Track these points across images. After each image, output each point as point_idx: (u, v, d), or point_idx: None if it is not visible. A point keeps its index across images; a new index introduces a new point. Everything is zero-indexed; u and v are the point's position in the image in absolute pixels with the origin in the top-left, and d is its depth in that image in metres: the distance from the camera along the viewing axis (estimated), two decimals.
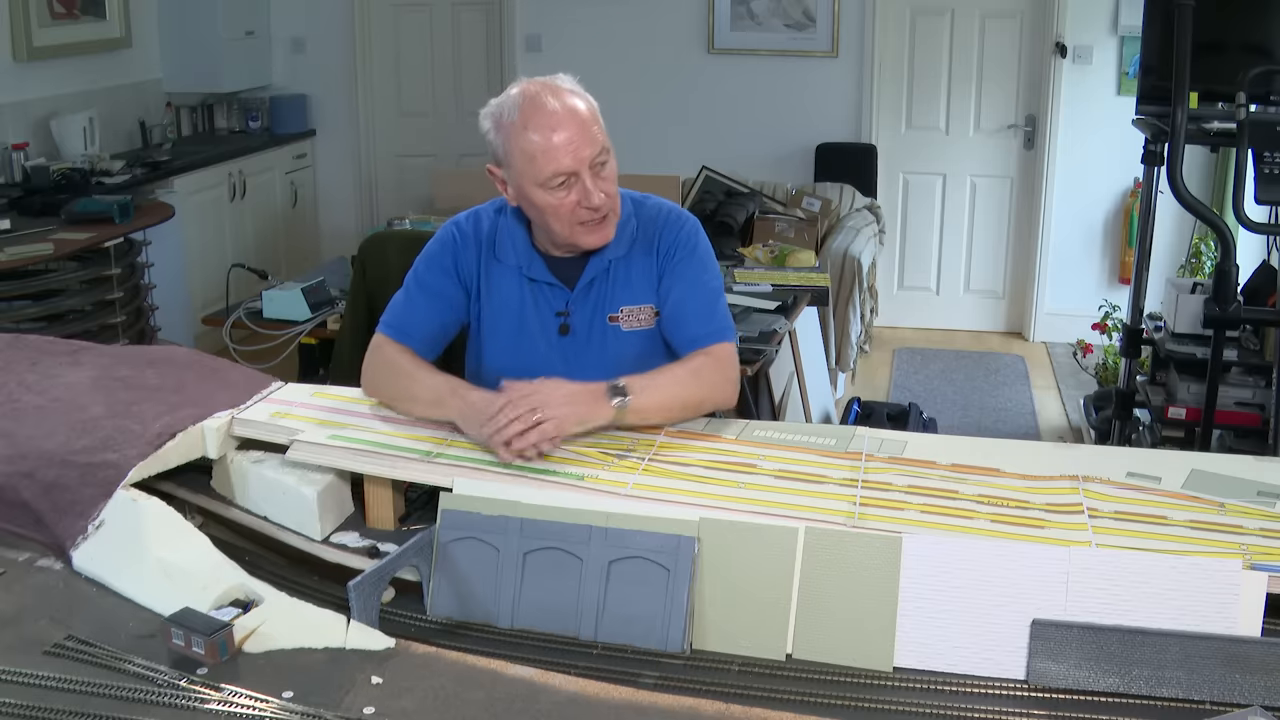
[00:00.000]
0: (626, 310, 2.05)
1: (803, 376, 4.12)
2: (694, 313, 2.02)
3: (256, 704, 1.29)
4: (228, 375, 1.99)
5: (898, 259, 6.24)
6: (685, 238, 2.06)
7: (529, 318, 2.06)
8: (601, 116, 1.94)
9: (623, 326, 2.06)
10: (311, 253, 6.56)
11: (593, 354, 2.05)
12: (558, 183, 1.89)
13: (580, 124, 1.88)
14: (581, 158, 1.88)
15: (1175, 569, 1.39)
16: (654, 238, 2.06)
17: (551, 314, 2.06)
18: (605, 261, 2.04)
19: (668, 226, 2.06)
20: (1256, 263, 3.94)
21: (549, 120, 1.87)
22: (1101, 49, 5.69)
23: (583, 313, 2.06)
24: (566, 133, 1.87)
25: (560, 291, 2.06)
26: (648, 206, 2.09)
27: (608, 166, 1.94)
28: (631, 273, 2.05)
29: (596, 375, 1.98)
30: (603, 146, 1.91)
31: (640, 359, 2.03)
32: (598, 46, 6.16)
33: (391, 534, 1.69)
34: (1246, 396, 3.53)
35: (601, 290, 2.05)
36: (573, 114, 1.88)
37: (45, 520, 1.64)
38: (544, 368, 2.02)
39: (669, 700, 1.32)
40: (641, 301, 2.06)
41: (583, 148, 1.88)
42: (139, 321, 4.55)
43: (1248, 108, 3.18)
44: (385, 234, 3.64)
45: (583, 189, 1.90)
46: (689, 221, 2.09)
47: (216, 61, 6.06)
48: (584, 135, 1.88)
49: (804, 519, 1.49)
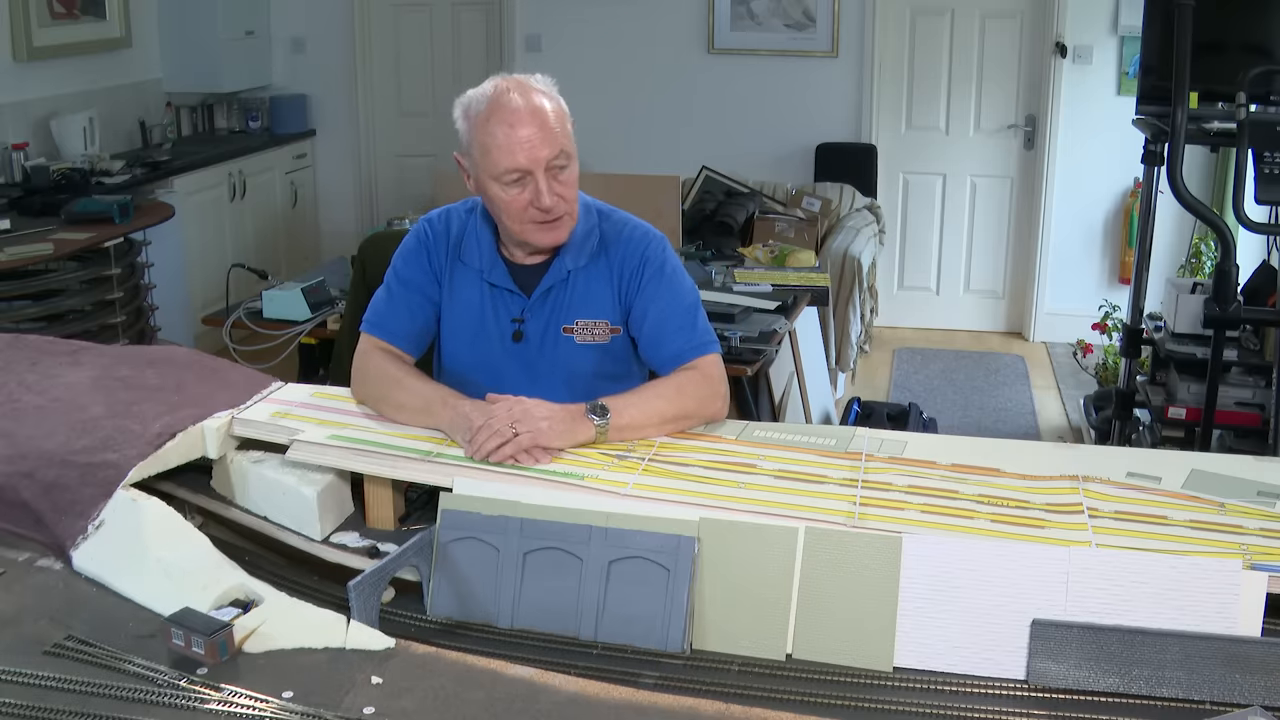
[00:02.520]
0: (581, 324, 2.02)
1: (803, 376, 4.12)
2: (674, 330, 1.99)
3: (256, 704, 1.29)
4: (228, 375, 1.99)
5: (898, 259, 6.24)
6: (651, 255, 2.02)
7: (487, 321, 2.05)
8: (570, 122, 1.94)
9: (576, 339, 2.03)
10: (311, 253, 6.56)
11: (545, 363, 2.03)
12: (512, 179, 1.89)
13: (541, 124, 1.88)
14: (537, 157, 1.87)
15: (1175, 569, 1.39)
16: (616, 255, 2.02)
17: (508, 319, 2.04)
18: (564, 271, 2.01)
19: (631, 244, 2.03)
20: (1256, 263, 3.94)
21: (511, 117, 1.87)
22: (1101, 49, 5.69)
23: (537, 321, 2.03)
24: (526, 131, 1.86)
25: (518, 298, 2.03)
26: (614, 221, 2.06)
27: (567, 171, 1.92)
28: (590, 286, 2.02)
29: (551, 384, 1.98)
30: (562, 150, 1.90)
31: (594, 374, 2.02)
32: (598, 46, 6.16)
33: (391, 534, 1.69)
34: (1246, 396, 3.53)
35: (558, 300, 2.02)
36: (535, 113, 1.88)
37: (45, 520, 1.64)
38: (499, 372, 2.02)
39: (669, 700, 1.32)
40: (597, 316, 2.02)
41: (540, 148, 1.87)
42: (139, 321, 4.55)
43: (1248, 108, 3.18)
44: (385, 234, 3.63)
45: (535, 189, 1.89)
46: (654, 239, 2.06)
47: (216, 61, 6.05)
48: (543, 135, 1.87)
49: (804, 519, 1.49)
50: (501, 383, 1.98)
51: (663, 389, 1.88)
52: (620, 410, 1.77)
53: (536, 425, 1.69)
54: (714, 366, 1.97)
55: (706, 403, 1.89)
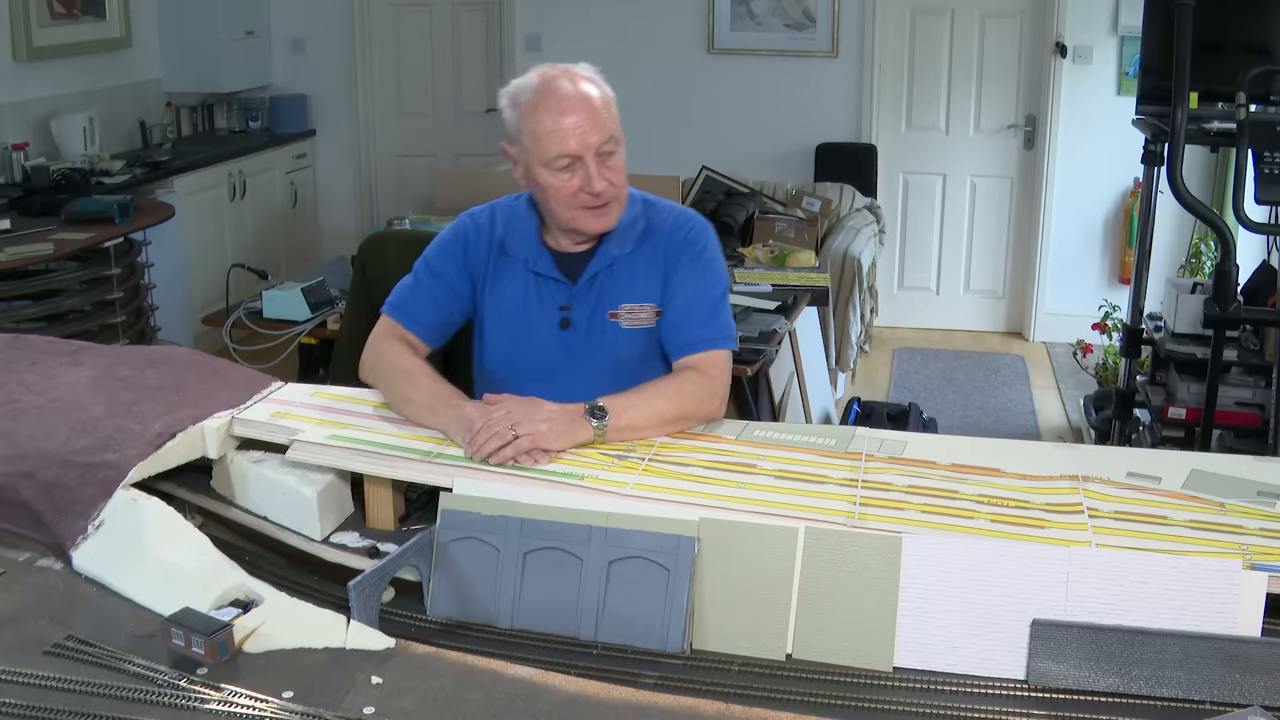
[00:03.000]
0: (627, 308, 2.05)
1: (803, 376, 4.12)
2: (695, 317, 2.01)
3: (256, 704, 1.29)
4: (228, 375, 1.99)
5: (898, 259, 6.24)
6: (693, 239, 2.05)
7: (532, 311, 2.07)
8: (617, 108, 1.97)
9: (622, 324, 2.05)
10: (311, 253, 6.56)
11: (592, 349, 2.05)
12: (562, 165, 1.92)
13: (590, 110, 1.91)
14: (588, 143, 1.91)
15: (1175, 569, 1.39)
16: (661, 238, 2.06)
17: (554, 308, 2.06)
18: (609, 258, 2.04)
19: (677, 228, 2.06)
20: (1256, 263, 3.94)
21: (560, 104, 1.90)
22: (1101, 49, 5.69)
23: (584, 308, 2.06)
24: (575, 117, 1.90)
25: (564, 286, 2.06)
26: (659, 208, 2.10)
27: (615, 156, 1.96)
28: (635, 271, 2.05)
29: (597, 370, 2.00)
30: (611, 135, 1.93)
31: (640, 358, 2.04)
32: (598, 46, 6.14)
33: (391, 534, 1.69)
34: (1246, 396, 3.53)
35: (604, 286, 2.05)
36: (584, 99, 1.91)
37: (45, 520, 1.64)
38: (545, 361, 2.05)
39: (669, 700, 1.32)
40: (643, 300, 2.05)
41: (590, 133, 1.91)
42: (139, 321, 4.55)
43: (1248, 108, 3.18)
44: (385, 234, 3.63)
45: (586, 174, 1.92)
46: (698, 224, 2.09)
47: (216, 61, 6.05)
48: (592, 121, 1.91)
49: (804, 519, 1.49)
50: (549, 372, 2.03)
51: (663, 389, 1.88)
52: (619, 411, 1.77)
53: (536, 427, 1.69)
54: (720, 365, 1.98)
55: (705, 403, 1.89)
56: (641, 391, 1.85)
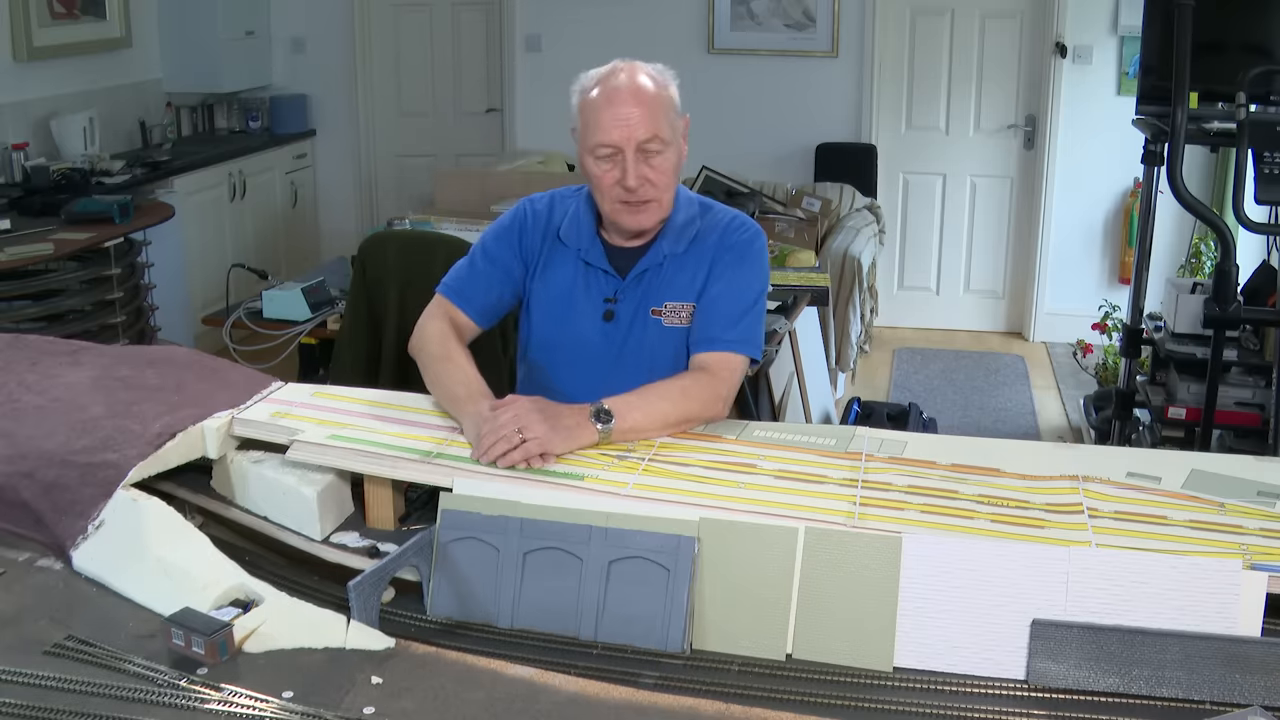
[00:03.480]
0: (670, 306, 2.06)
1: (803, 376, 4.12)
2: (721, 315, 2.02)
3: (256, 704, 1.29)
4: (228, 375, 1.99)
5: (898, 259, 6.24)
6: (741, 241, 2.06)
7: (579, 300, 2.09)
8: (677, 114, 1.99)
9: (664, 322, 2.07)
10: (311, 253, 6.56)
11: (633, 343, 2.07)
12: (604, 154, 1.94)
13: (641, 104, 1.92)
14: (630, 136, 1.92)
15: (1175, 569, 1.39)
16: (712, 239, 2.07)
17: (600, 299, 2.09)
18: (661, 256, 2.06)
19: (729, 230, 2.07)
20: (1256, 263, 3.94)
21: (612, 94, 1.93)
22: (1101, 49, 5.69)
23: (629, 302, 2.08)
24: (623, 109, 1.92)
25: (612, 279, 2.08)
26: (714, 212, 2.11)
27: (661, 157, 1.96)
28: (682, 271, 2.06)
29: (635, 364, 2.04)
30: (656, 135, 1.93)
31: (678, 357, 2.06)
32: (598, 47, 6.10)
33: (391, 534, 1.69)
34: (1246, 396, 3.53)
35: (651, 283, 2.07)
36: (636, 94, 1.93)
37: (45, 520, 1.64)
38: (586, 351, 2.08)
39: (669, 700, 1.32)
40: (686, 299, 2.06)
41: (634, 127, 1.92)
42: (139, 321, 4.55)
43: (1248, 108, 3.18)
44: (385, 234, 3.64)
45: (623, 167, 1.94)
46: (750, 228, 2.10)
47: (216, 61, 6.05)
48: (639, 115, 1.92)
49: (804, 519, 1.49)
50: (588, 361, 2.06)
51: (667, 390, 1.88)
52: (624, 414, 1.77)
53: (541, 431, 1.68)
54: (732, 369, 1.98)
55: (710, 405, 1.90)
56: (647, 393, 1.85)
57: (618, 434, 1.77)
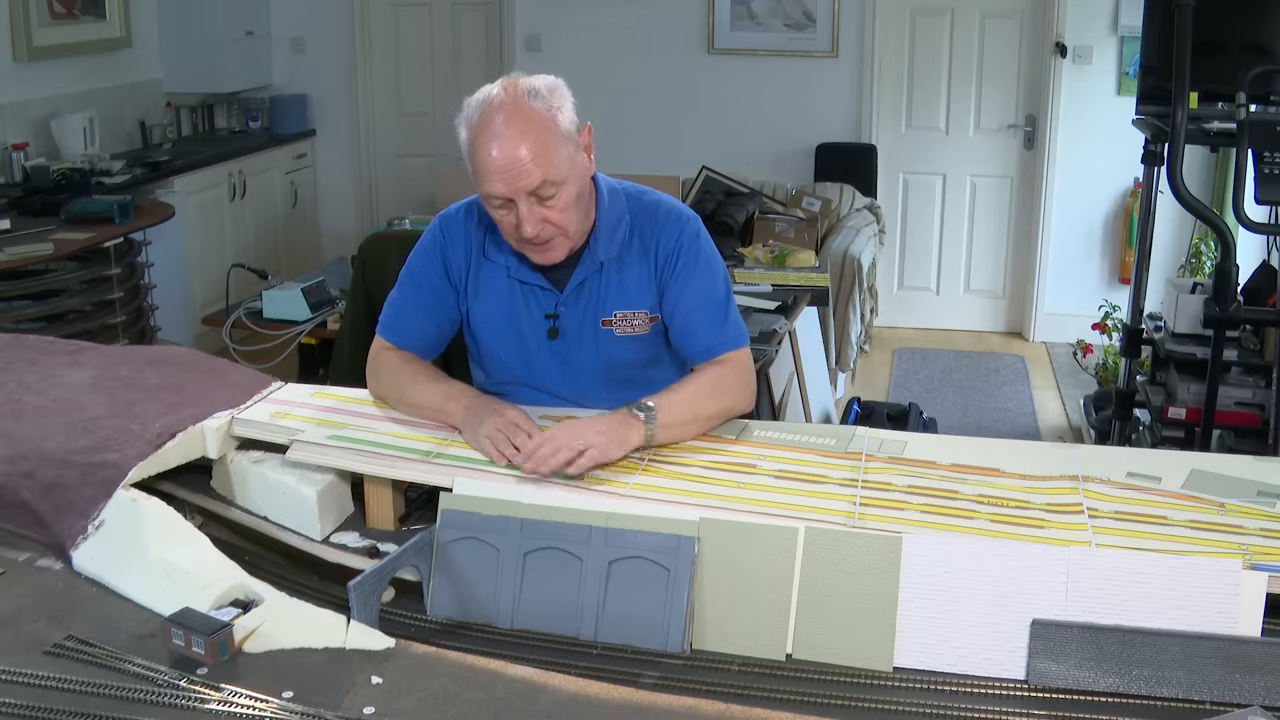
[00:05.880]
0: (620, 314, 1.97)
1: (803, 376, 4.12)
2: (706, 322, 1.95)
3: (256, 704, 1.29)
4: (228, 375, 1.99)
5: (898, 259, 6.24)
6: (686, 242, 1.96)
7: (519, 318, 1.99)
8: (567, 140, 1.81)
9: (616, 331, 1.97)
10: (311, 253, 6.56)
11: (586, 357, 1.98)
12: (496, 203, 1.82)
13: (527, 143, 1.76)
14: (516, 187, 1.78)
15: (1175, 569, 1.39)
16: (651, 240, 1.96)
17: (542, 316, 1.98)
18: (596, 263, 1.95)
19: (666, 227, 1.96)
20: (1256, 263, 3.94)
21: (493, 142, 1.77)
22: (1101, 49, 5.69)
23: (573, 315, 1.97)
24: (508, 154, 1.76)
25: (550, 294, 1.97)
26: (644, 203, 1.98)
27: (558, 195, 1.81)
28: (625, 275, 1.96)
29: (590, 379, 1.97)
30: (545, 180, 1.77)
31: (635, 364, 2.00)
32: (598, 47, 6.16)
33: (391, 534, 1.69)
34: (1246, 396, 3.53)
35: (594, 292, 1.96)
36: (522, 132, 1.76)
37: (45, 520, 1.64)
38: (535, 369, 2.00)
39: (669, 700, 1.32)
40: (636, 306, 1.97)
41: (519, 178, 1.76)
42: (139, 321, 4.55)
43: (1248, 108, 3.18)
44: (385, 234, 3.64)
45: (519, 214, 1.81)
46: (689, 222, 1.98)
47: (216, 61, 6.05)
48: (527, 159, 1.76)
49: (804, 519, 1.49)
50: (540, 379, 1.99)
51: (702, 384, 1.85)
52: (666, 409, 1.75)
53: (596, 440, 1.65)
54: (743, 361, 1.96)
55: (742, 396, 1.90)
56: (683, 388, 1.83)
57: (661, 430, 1.74)
